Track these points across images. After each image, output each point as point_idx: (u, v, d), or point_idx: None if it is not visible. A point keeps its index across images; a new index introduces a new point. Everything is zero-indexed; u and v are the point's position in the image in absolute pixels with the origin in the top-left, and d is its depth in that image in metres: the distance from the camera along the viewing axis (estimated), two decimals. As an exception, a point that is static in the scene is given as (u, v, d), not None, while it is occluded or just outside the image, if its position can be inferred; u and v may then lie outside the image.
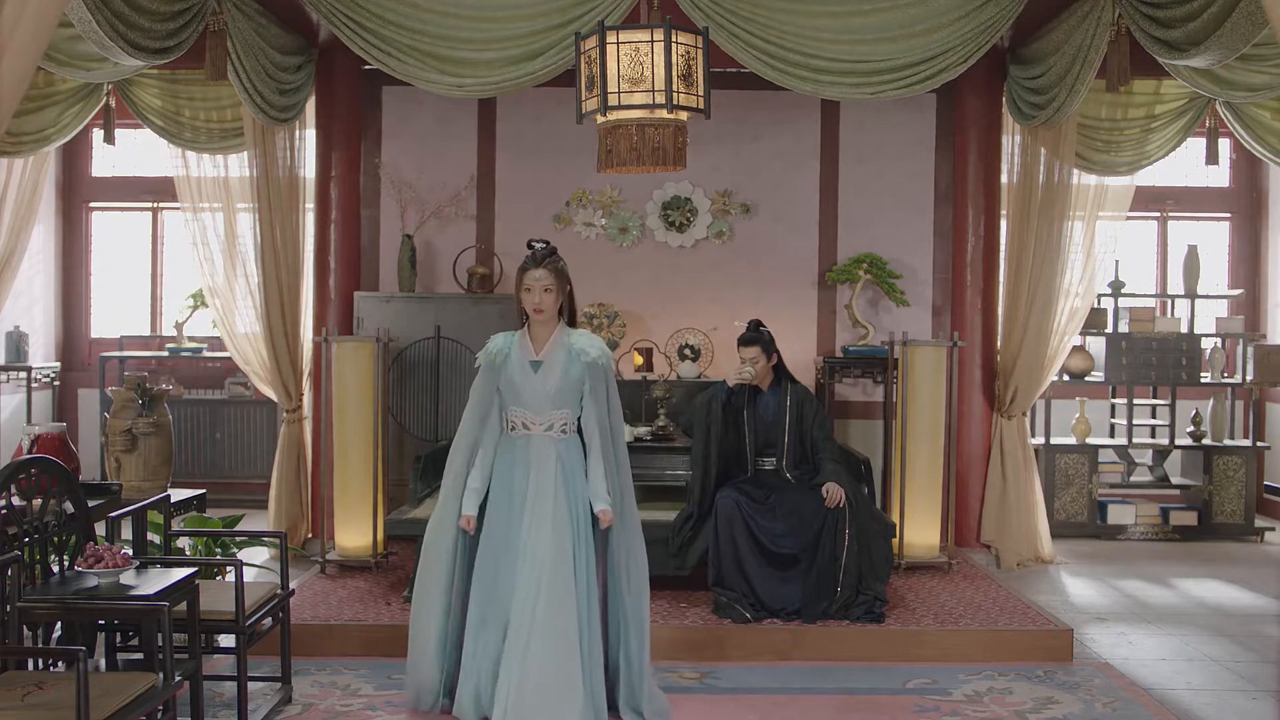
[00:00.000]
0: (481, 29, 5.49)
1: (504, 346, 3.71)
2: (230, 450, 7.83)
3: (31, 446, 4.77)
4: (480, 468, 3.68)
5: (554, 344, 3.67)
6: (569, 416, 3.66)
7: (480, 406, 3.69)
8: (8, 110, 2.86)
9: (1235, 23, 4.40)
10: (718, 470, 5.09)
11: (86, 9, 4.22)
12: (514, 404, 3.66)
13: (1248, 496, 7.28)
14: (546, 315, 3.67)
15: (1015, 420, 6.51)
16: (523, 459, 3.64)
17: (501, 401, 3.70)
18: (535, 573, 3.49)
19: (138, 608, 3.13)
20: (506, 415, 3.69)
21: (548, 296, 3.64)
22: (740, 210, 7.31)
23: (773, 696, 4.26)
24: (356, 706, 4.10)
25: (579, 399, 3.66)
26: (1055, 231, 6.30)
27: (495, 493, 3.68)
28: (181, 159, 6.63)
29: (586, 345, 3.66)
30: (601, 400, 3.65)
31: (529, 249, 3.72)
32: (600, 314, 7.08)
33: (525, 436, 3.65)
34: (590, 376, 3.64)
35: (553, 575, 3.48)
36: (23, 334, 7.64)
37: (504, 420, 3.70)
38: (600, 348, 3.68)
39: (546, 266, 3.65)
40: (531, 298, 3.64)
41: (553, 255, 3.68)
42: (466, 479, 3.69)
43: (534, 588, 3.49)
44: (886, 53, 5.47)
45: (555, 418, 3.65)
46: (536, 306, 3.64)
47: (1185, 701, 4.26)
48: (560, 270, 3.68)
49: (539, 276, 3.64)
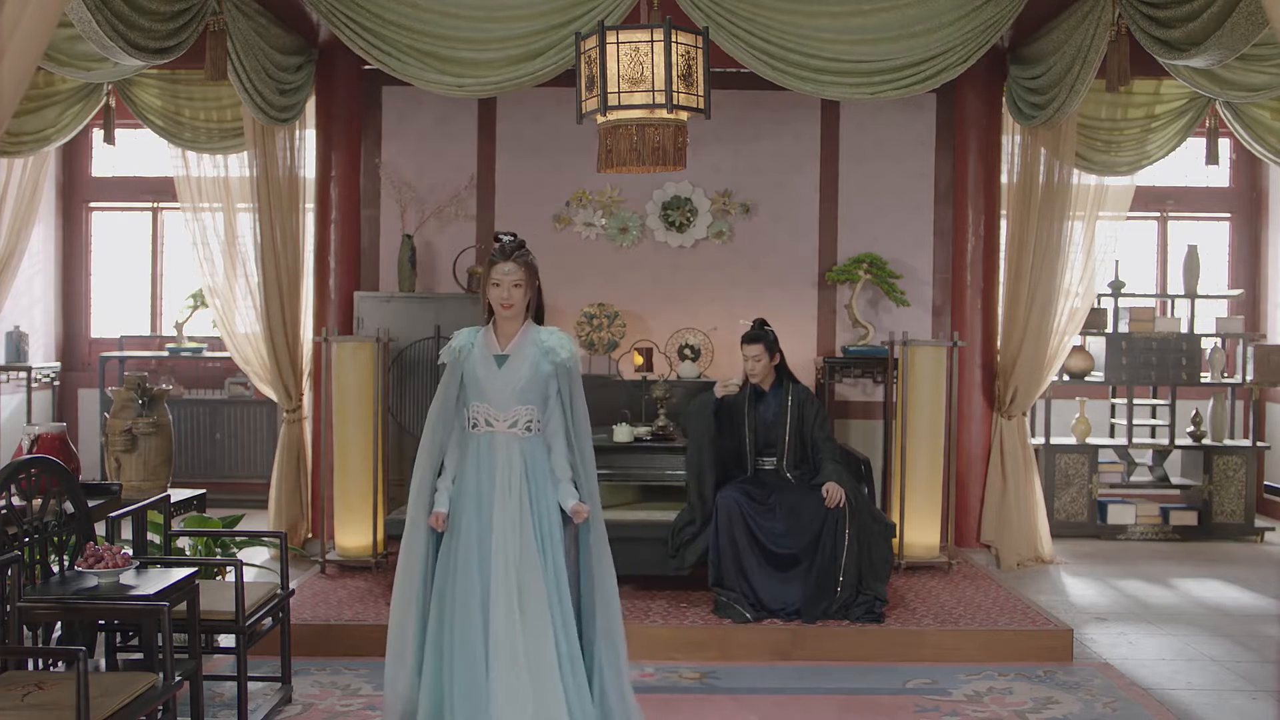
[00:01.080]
0: (482, 29, 5.49)
1: (467, 341, 3.55)
2: (230, 450, 7.83)
3: (31, 446, 4.77)
4: (450, 468, 3.50)
5: (521, 339, 3.51)
6: (534, 414, 3.48)
7: (446, 405, 3.52)
8: (8, 110, 2.86)
9: (1235, 23, 4.40)
10: (716, 475, 5.11)
11: (86, 9, 4.22)
12: (476, 399, 3.48)
13: (1248, 496, 7.28)
14: (514, 311, 3.49)
15: (1015, 420, 6.51)
16: (486, 458, 3.45)
17: (463, 397, 3.53)
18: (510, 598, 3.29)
19: (138, 608, 3.13)
20: (468, 411, 3.51)
21: (516, 291, 3.46)
22: (740, 210, 7.31)
23: (773, 696, 4.26)
24: (356, 706, 4.10)
25: (545, 397, 3.50)
26: (1055, 231, 6.30)
27: (461, 495, 3.47)
28: (181, 159, 6.64)
29: (557, 345, 3.49)
30: (568, 400, 3.50)
31: (496, 241, 3.55)
32: (600, 314, 7.08)
33: (488, 433, 3.46)
34: (559, 374, 3.49)
35: (530, 600, 3.30)
36: (23, 334, 7.65)
37: (465, 417, 3.52)
38: (569, 347, 3.51)
39: (516, 260, 3.46)
40: (500, 292, 3.46)
41: (522, 249, 3.51)
42: (434, 479, 3.49)
43: (514, 614, 3.28)
44: (886, 53, 5.46)
45: (520, 414, 3.46)
46: (505, 302, 3.46)
47: (1185, 701, 4.26)
48: (530, 264, 3.50)
49: (508, 271, 3.45)
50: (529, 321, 3.55)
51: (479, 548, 3.38)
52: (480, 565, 3.36)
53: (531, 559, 3.35)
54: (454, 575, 3.39)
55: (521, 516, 3.38)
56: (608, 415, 5.97)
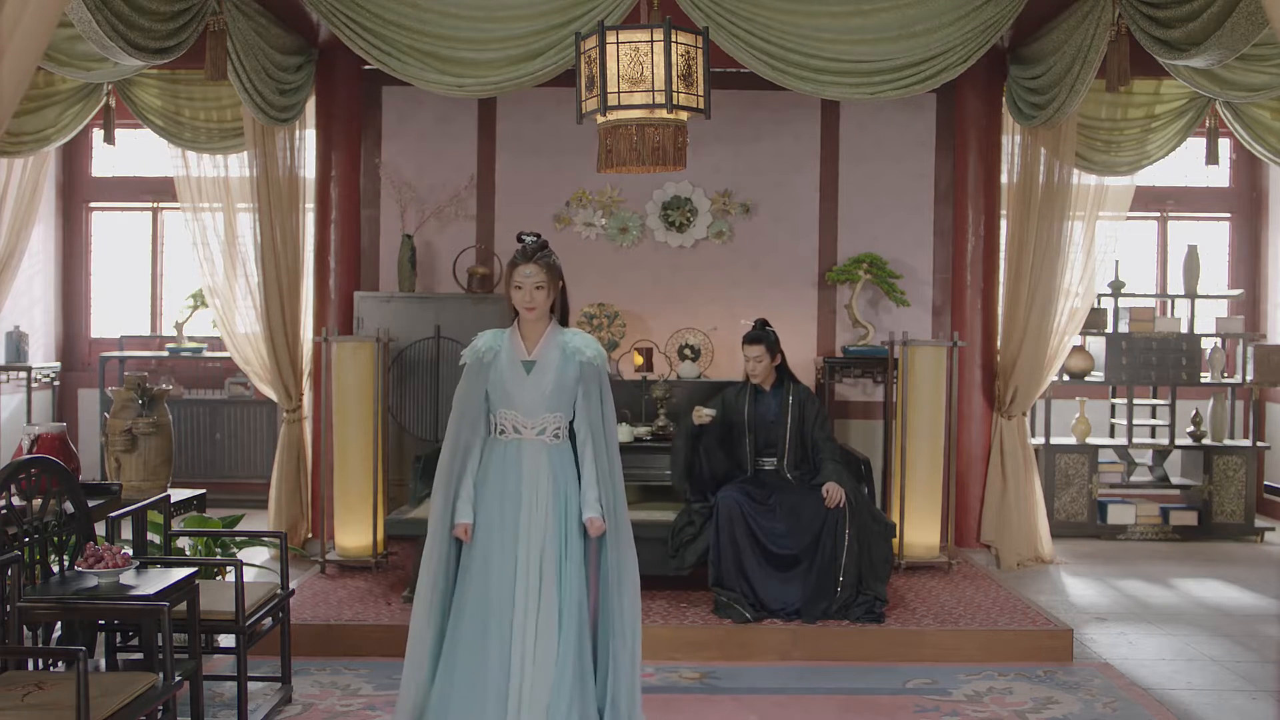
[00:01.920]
0: (482, 29, 5.49)
1: (493, 344, 3.47)
2: (230, 450, 7.83)
3: (31, 446, 4.77)
4: (472, 474, 3.44)
5: (547, 343, 3.45)
6: (562, 420, 3.44)
7: (470, 410, 3.45)
8: (8, 110, 2.86)
9: (1235, 23, 4.40)
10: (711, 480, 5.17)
11: (86, 9, 4.22)
12: (504, 406, 3.42)
13: (1248, 496, 7.28)
14: (538, 313, 3.43)
15: (1015, 420, 6.51)
16: (514, 465, 3.41)
17: (489, 404, 3.46)
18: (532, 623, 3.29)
19: (138, 608, 3.13)
20: (495, 418, 3.45)
21: (539, 294, 3.40)
22: (740, 210, 7.31)
23: (773, 696, 4.26)
24: (356, 706, 4.10)
25: (573, 401, 3.44)
26: (1055, 231, 6.30)
27: (485, 501, 3.42)
28: (181, 159, 6.63)
29: (582, 345, 3.44)
30: (595, 403, 3.44)
31: (519, 242, 3.48)
32: (600, 314, 7.08)
33: (516, 441, 3.42)
34: (585, 377, 3.43)
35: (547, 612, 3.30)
36: (23, 334, 7.64)
37: (492, 423, 3.46)
38: (596, 348, 3.47)
39: (538, 262, 3.40)
40: (522, 295, 3.40)
41: (544, 249, 3.44)
42: (459, 486, 3.43)
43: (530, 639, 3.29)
44: (886, 53, 5.46)
45: (548, 421, 3.42)
46: (528, 304, 3.40)
47: (1185, 701, 4.26)
48: (552, 265, 3.44)
49: (529, 273, 3.39)
50: (554, 323, 3.49)
51: (500, 556, 3.34)
52: (501, 574, 3.33)
53: (553, 572, 3.33)
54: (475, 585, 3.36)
55: (546, 529, 3.36)
56: (608, 415, 5.97)
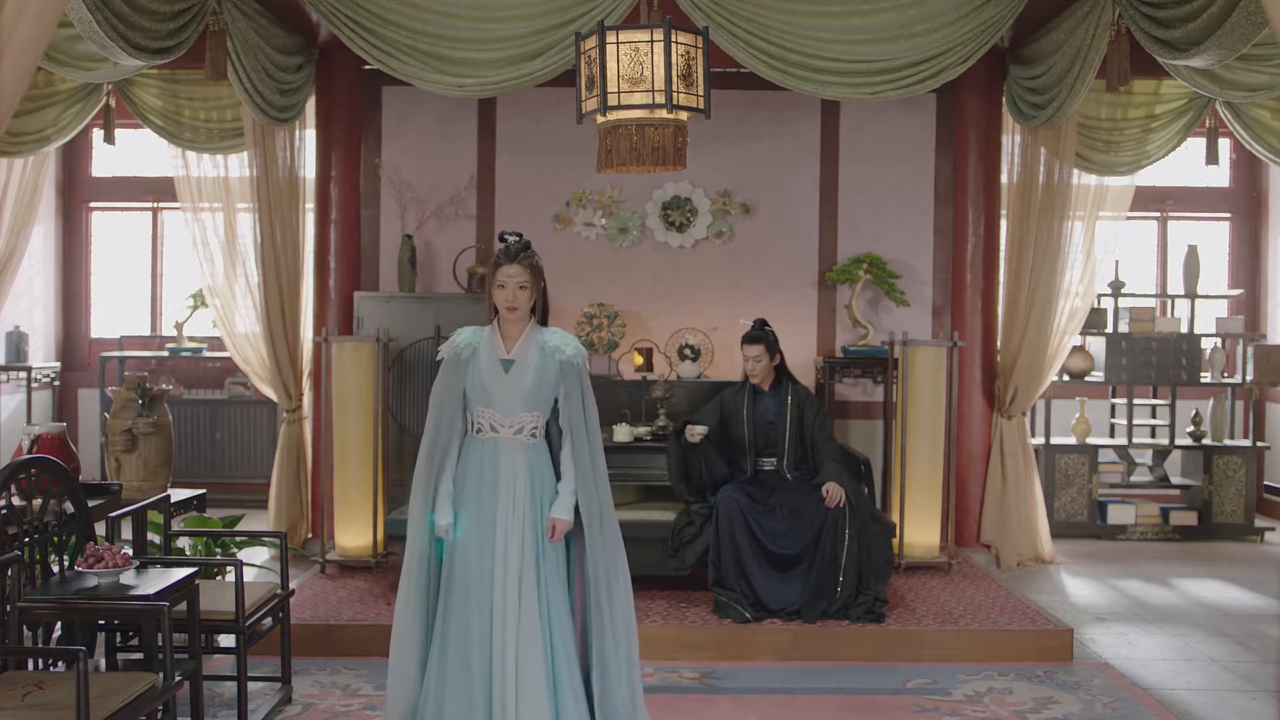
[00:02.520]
0: (482, 29, 5.49)
1: (472, 341, 3.46)
2: (230, 450, 7.83)
3: (31, 446, 4.77)
4: (451, 472, 3.42)
5: (526, 341, 3.44)
6: (540, 419, 3.43)
7: (448, 407, 3.43)
8: (8, 110, 2.86)
9: (1235, 23, 4.40)
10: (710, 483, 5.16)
11: (86, 9, 4.22)
12: (482, 404, 3.41)
13: (1248, 496, 7.28)
14: (520, 313, 3.43)
15: (1015, 420, 6.51)
16: (491, 464, 3.39)
17: (467, 402, 3.45)
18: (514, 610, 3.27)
19: (138, 608, 3.14)
20: (473, 416, 3.43)
21: (522, 294, 3.40)
22: (740, 210, 7.31)
23: (773, 696, 4.26)
24: (356, 706, 4.10)
25: (552, 401, 3.44)
26: (1055, 231, 6.30)
27: (464, 500, 3.40)
28: (181, 159, 6.63)
29: (561, 343, 3.43)
30: (576, 401, 3.42)
31: (501, 242, 3.48)
32: (600, 314, 7.08)
33: (493, 439, 3.40)
34: (566, 376, 3.41)
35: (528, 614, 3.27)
36: (23, 334, 7.65)
37: (469, 422, 3.45)
38: (575, 346, 3.45)
39: (521, 262, 3.40)
40: (505, 295, 3.39)
41: (527, 250, 3.44)
42: (438, 485, 3.41)
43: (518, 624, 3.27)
44: (886, 53, 5.46)
45: (526, 420, 3.40)
46: (510, 304, 3.40)
47: (1185, 701, 4.26)
48: (535, 266, 3.43)
49: (513, 273, 3.38)
50: (533, 323, 3.48)
51: (478, 556, 3.33)
52: (480, 575, 3.32)
53: (532, 572, 3.32)
54: (458, 583, 3.35)
55: (524, 527, 3.34)
56: (608, 415, 5.94)
